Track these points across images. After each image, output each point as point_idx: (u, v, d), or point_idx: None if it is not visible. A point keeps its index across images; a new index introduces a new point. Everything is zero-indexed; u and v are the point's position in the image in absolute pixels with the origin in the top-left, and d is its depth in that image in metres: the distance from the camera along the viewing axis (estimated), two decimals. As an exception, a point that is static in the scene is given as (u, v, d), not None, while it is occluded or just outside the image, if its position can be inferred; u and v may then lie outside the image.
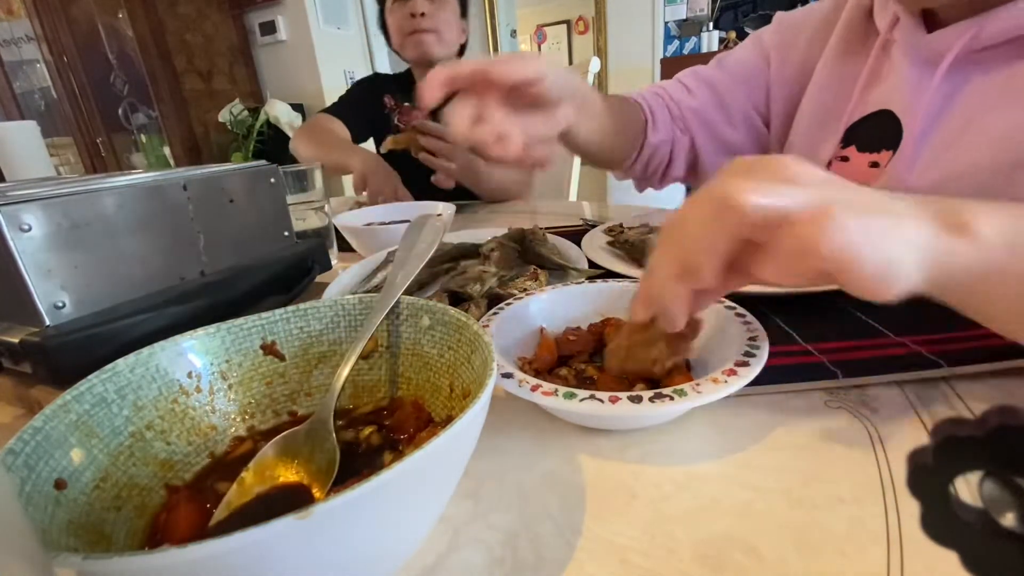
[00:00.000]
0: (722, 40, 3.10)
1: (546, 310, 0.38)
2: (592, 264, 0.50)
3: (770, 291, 0.39)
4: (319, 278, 0.54)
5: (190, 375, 0.26)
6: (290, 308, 0.30)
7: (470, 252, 0.56)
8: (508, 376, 0.28)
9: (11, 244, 0.31)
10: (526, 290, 0.42)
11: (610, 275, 0.46)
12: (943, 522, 0.11)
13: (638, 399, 0.25)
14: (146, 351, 0.25)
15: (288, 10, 2.70)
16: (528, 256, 0.53)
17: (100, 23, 2.47)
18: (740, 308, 0.33)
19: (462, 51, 1.15)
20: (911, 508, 0.21)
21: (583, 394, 0.26)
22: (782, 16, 0.65)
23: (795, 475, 0.24)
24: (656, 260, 0.24)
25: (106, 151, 2.71)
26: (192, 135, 2.65)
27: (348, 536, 0.15)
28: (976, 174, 0.44)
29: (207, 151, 2.72)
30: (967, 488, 0.11)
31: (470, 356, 0.26)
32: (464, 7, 1.13)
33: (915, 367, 0.31)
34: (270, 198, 0.50)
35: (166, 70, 2.50)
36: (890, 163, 0.51)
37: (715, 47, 3.08)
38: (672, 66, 3.11)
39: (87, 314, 0.35)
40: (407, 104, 1.17)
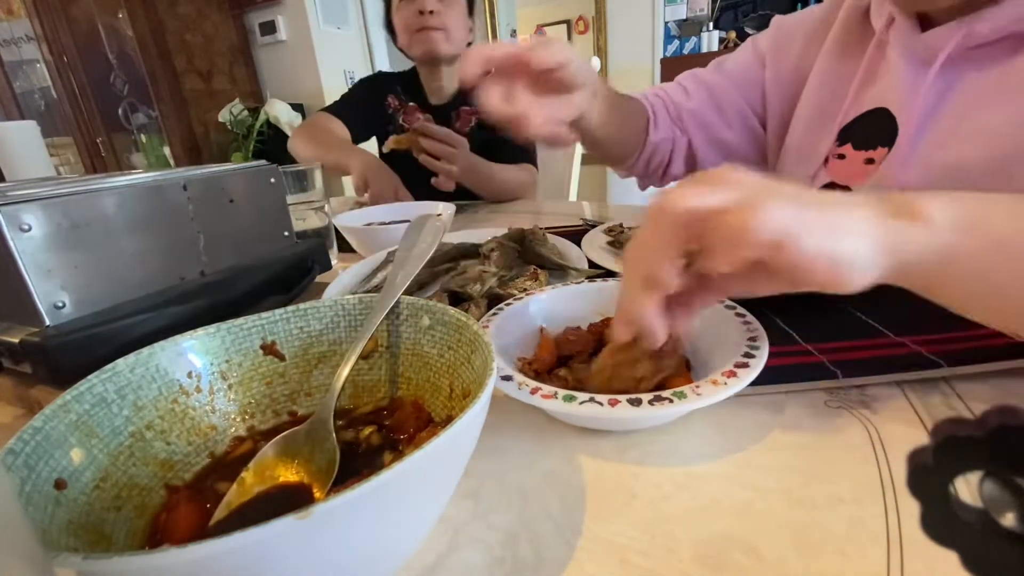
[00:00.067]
0: (722, 40, 3.10)
1: (546, 310, 0.38)
2: (592, 264, 0.50)
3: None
4: (319, 278, 0.54)
5: (190, 375, 0.26)
6: (290, 308, 0.30)
7: (470, 252, 0.56)
8: (508, 379, 0.28)
9: (11, 244, 0.31)
10: (526, 290, 0.42)
11: (610, 275, 0.46)
12: (943, 522, 0.11)
13: (637, 402, 0.25)
14: (146, 351, 0.25)
15: (288, 10, 2.70)
16: (528, 256, 0.53)
17: (100, 23, 2.47)
18: (740, 308, 0.33)
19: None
20: (911, 508, 0.21)
21: (583, 397, 0.26)
22: (779, 20, 0.67)
23: (795, 475, 0.24)
24: (624, 280, 0.26)
25: (106, 151, 2.71)
26: (192, 135, 2.65)
27: (348, 536, 0.15)
28: (969, 169, 0.45)
29: (207, 151, 2.72)
30: (967, 488, 0.11)
31: (470, 356, 0.26)
32: (471, 6, 1.12)
33: (915, 367, 0.31)
34: (270, 198, 0.50)
35: (166, 70, 2.50)
36: (885, 160, 0.52)
37: (715, 47, 3.07)
38: (672, 66, 3.11)
39: (87, 314, 0.35)
40: (412, 104, 1.17)
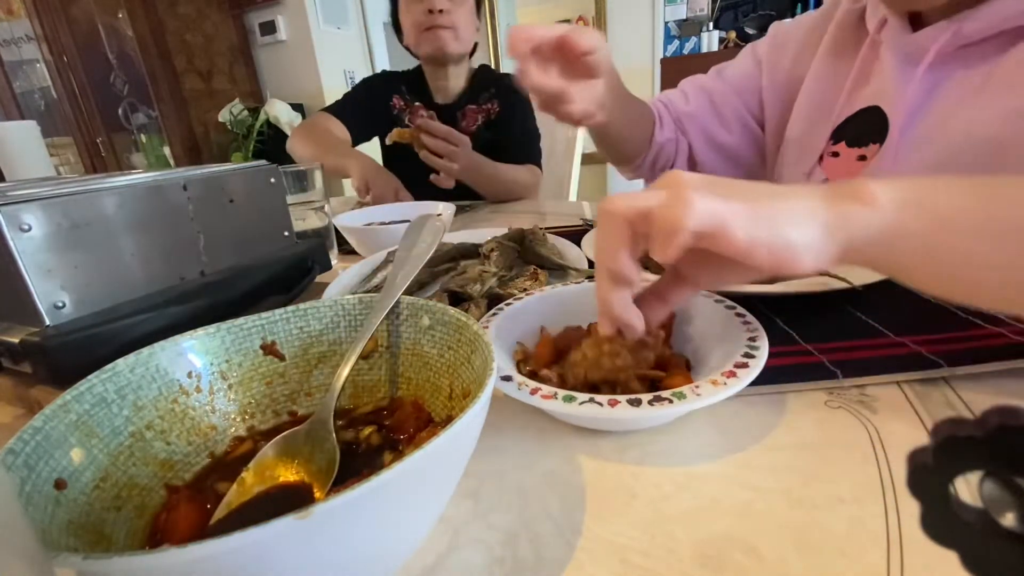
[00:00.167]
0: (722, 40, 3.09)
1: (546, 310, 0.38)
2: (592, 264, 0.50)
3: (770, 291, 0.39)
4: (319, 278, 0.54)
5: (190, 375, 0.26)
6: (290, 308, 0.30)
7: (470, 252, 0.56)
8: (507, 379, 0.28)
9: (11, 244, 0.31)
10: (526, 290, 0.42)
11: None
12: (943, 522, 0.11)
13: (637, 402, 0.25)
14: (146, 351, 0.25)
15: (288, 10, 2.70)
16: (528, 256, 0.53)
17: (100, 23, 2.47)
18: (740, 308, 0.33)
19: (473, 50, 1.14)
20: (911, 508, 0.21)
21: (583, 397, 0.26)
22: (776, 26, 0.70)
23: (795, 475, 0.24)
24: (596, 278, 0.29)
25: (106, 151, 2.71)
26: (192, 135, 2.65)
27: (348, 536, 0.15)
28: (957, 163, 0.46)
29: (207, 151, 2.72)
30: (967, 488, 0.11)
31: (470, 356, 0.26)
32: (479, 5, 1.12)
33: (915, 367, 0.31)
34: (270, 198, 0.50)
35: (166, 70, 2.50)
36: (876, 155, 0.53)
37: (715, 47, 3.07)
38: (672, 66, 3.11)
39: (87, 314, 0.35)
40: (418, 104, 1.16)
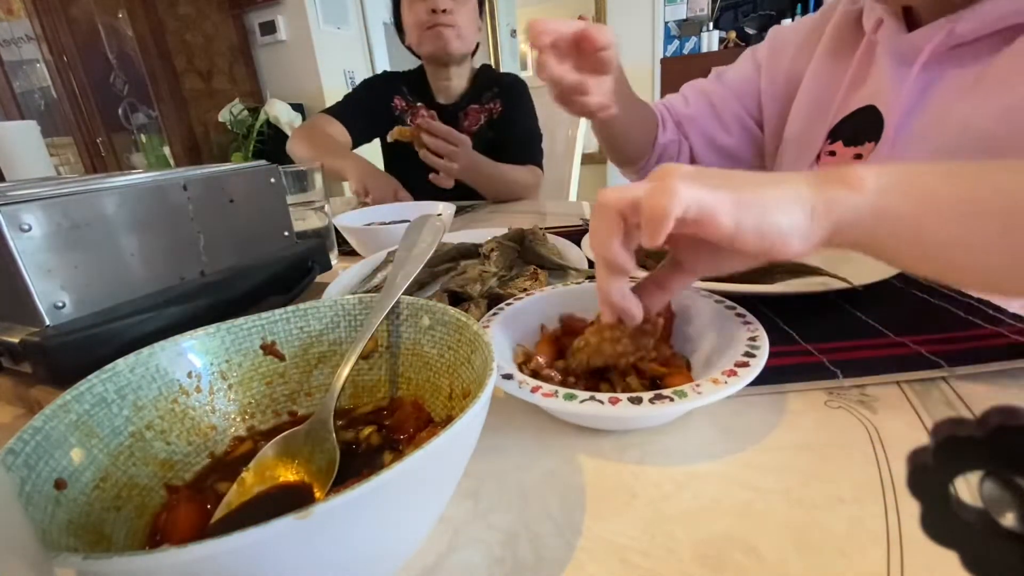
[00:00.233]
0: (722, 40, 3.09)
1: (546, 310, 0.38)
2: (592, 264, 0.50)
3: (770, 291, 0.39)
4: (319, 278, 0.54)
5: (190, 375, 0.26)
6: (290, 308, 0.30)
7: (470, 252, 0.56)
8: (508, 377, 0.28)
9: (11, 244, 0.31)
10: (526, 290, 0.42)
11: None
12: (943, 522, 0.11)
13: (638, 400, 0.25)
14: (146, 351, 0.25)
15: (288, 10, 2.70)
16: (528, 256, 0.53)
17: (100, 23, 2.47)
18: (740, 308, 0.33)
19: (475, 50, 1.14)
20: (911, 508, 0.21)
21: (583, 395, 0.26)
22: (774, 30, 0.73)
23: (795, 475, 0.24)
24: (595, 267, 0.29)
25: (106, 151, 2.71)
26: (192, 135, 2.65)
27: (348, 536, 0.15)
28: (950, 160, 0.47)
29: (207, 151, 2.72)
30: (967, 488, 0.11)
31: (470, 356, 0.26)
32: (481, 5, 1.12)
33: (915, 367, 0.31)
34: (270, 198, 0.50)
35: (166, 70, 2.50)
36: (871, 154, 0.55)
37: (715, 47, 3.07)
38: (672, 66, 3.11)
39: (87, 314, 0.35)
40: (419, 104, 1.16)
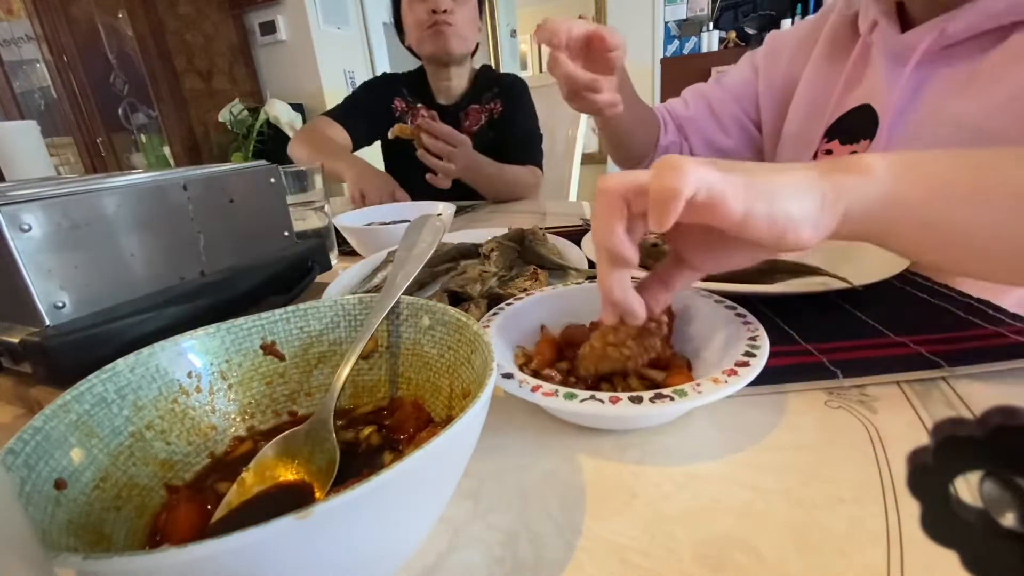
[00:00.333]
0: (722, 40, 3.10)
1: (546, 310, 0.38)
2: (592, 264, 0.50)
3: (770, 291, 0.39)
4: (319, 278, 0.54)
5: (190, 375, 0.26)
6: (290, 308, 0.30)
7: (470, 252, 0.56)
8: (508, 376, 0.28)
9: (11, 244, 0.31)
10: (526, 290, 0.42)
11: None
12: (943, 522, 0.11)
13: (638, 400, 0.25)
14: (146, 351, 0.25)
15: (288, 10, 2.70)
16: (528, 256, 0.53)
17: (100, 23, 2.47)
18: (740, 308, 0.33)
19: (475, 50, 1.15)
20: (911, 508, 0.21)
21: (584, 395, 0.26)
22: (772, 35, 0.75)
23: (795, 475, 0.24)
24: (597, 264, 0.28)
25: (106, 151, 2.71)
26: (192, 135, 2.65)
27: (348, 536, 0.15)
28: None
29: (207, 151, 2.71)
30: (967, 488, 0.11)
31: (470, 356, 0.26)
32: (481, 6, 1.12)
33: (915, 367, 0.31)
34: (270, 198, 0.50)
35: (166, 70, 2.50)
36: (867, 151, 0.56)
37: (715, 47, 3.07)
38: (672, 66, 3.11)
39: (87, 314, 0.35)
40: (420, 105, 1.16)
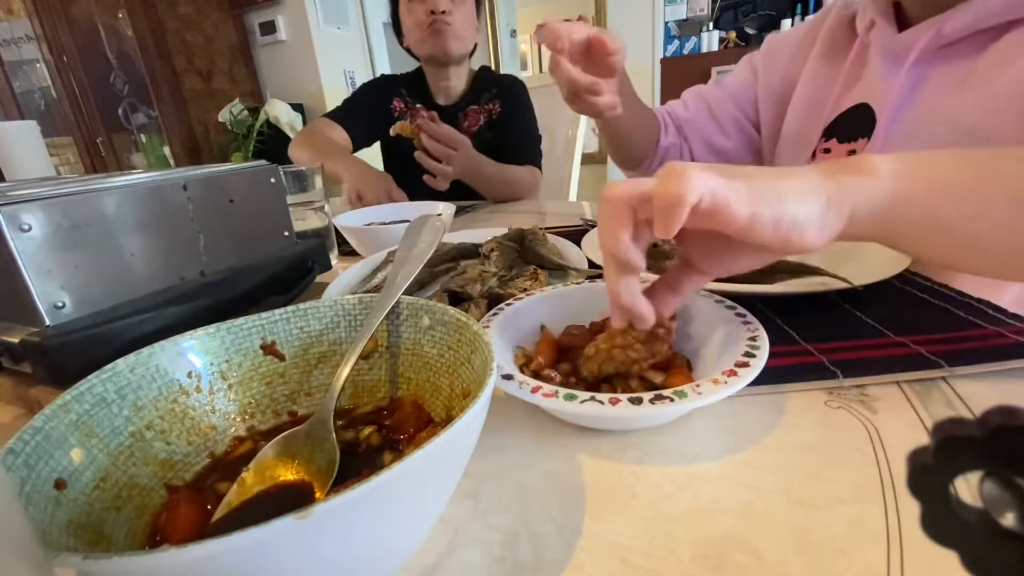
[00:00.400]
0: (722, 40, 3.10)
1: (546, 310, 0.38)
2: (592, 264, 0.50)
3: (770, 291, 0.39)
4: (319, 278, 0.54)
5: (190, 375, 0.26)
6: (290, 308, 0.30)
7: (470, 252, 0.56)
8: (508, 377, 0.28)
9: (11, 244, 0.31)
10: (526, 290, 0.42)
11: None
12: (943, 522, 0.11)
13: (638, 400, 0.25)
14: (146, 351, 0.25)
15: (288, 10, 2.70)
16: (528, 256, 0.53)
17: (100, 23, 2.46)
18: (740, 308, 0.33)
19: (473, 51, 1.15)
20: (911, 508, 0.21)
21: (584, 395, 0.26)
22: (770, 38, 0.76)
23: (795, 475, 0.24)
24: (604, 270, 0.28)
25: (106, 151, 2.71)
26: (192, 135, 2.65)
27: (348, 536, 0.15)
28: None
29: (207, 151, 2.71)
30: (967, 488, 0.11)
31: (470, 356, 0.26)
32: (478, 6, 1.12)
33: (915, 367, 0.31)
34: (270, 198, 0.50)
35: (166, 70, 2.49)
36: (864, 150, 0.57)
37: (715, 47, 3.07)
38: (672, 66, 3.11)
39: (87, 314, 0.35)
40: (419, 106, 1.17)
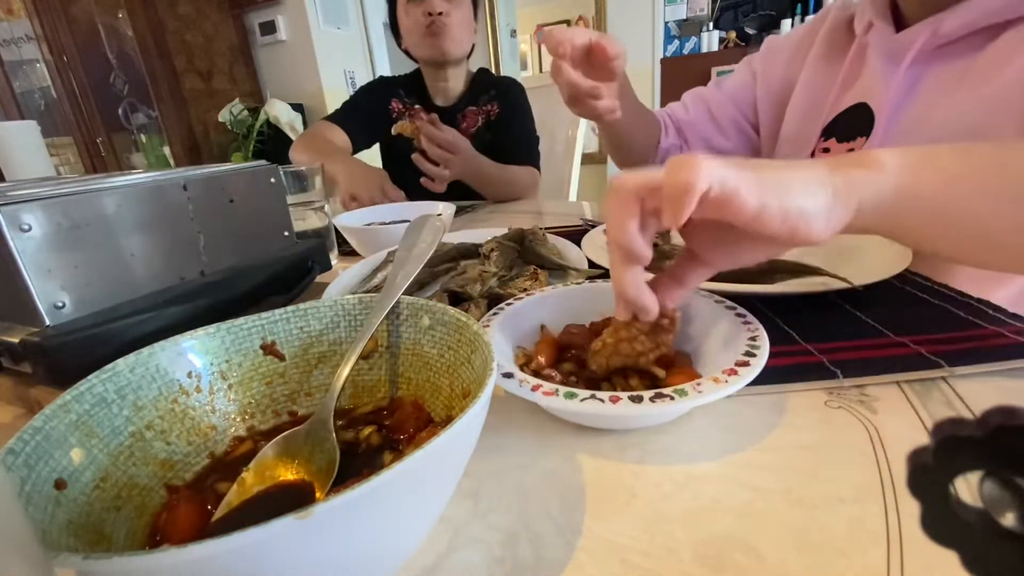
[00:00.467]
0: (722, 40, 3.09)
1: (546, 310, 0.38)
2: (592, 264, 0.50)
3: (770, 291, 0.39)
4: (319, 278, 0.54)
5: (190, 375, 0.26)
6: (290, 308, 0.30)
7: (470, 252, 0.56)
8: (508, 376, 0.28)
9: (11, 244, 0.31)
10: (526, 290, 0.42)
11: (610, 275, 0.46)
12: (943, 522, 0.11)
13: (639, 399, 0.25)
14: (146, 351, 0.25)
15: (288, 10, 2.69)
16: (528, 256, 0.53)
17: (100, 23, 2.46)
18: (740, 308, 0.33)
19: (470, 52, 1.15)
20: (911, 508, 0.21)
21: (584, 394, 0.26)
22: (769, 40, 0.77)
23: (795, 475, 0.24)
24: (610, 262, 0.28)
25: (106, 151, 2.71)
26: (192, 135, 2.65)
27: (348, 536, 0.15)
28: None
29: (207, 151, 2.71)
30: (967, 488, 0.11)
31: (470, 356, 0.26)
32: (476, 8, 1.12)
33: (915, 367, 0.31)
34: (270, 198, 0.50)
35: (166, 70, 2.49)
36: (863, 148, 0.58)
37: (715, 47, 3.07)
38: (672, 66, 3.11)
39: (87, 314, 0.35)
40: (417, 107, 1.17)
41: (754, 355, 0.28)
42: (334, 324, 0.30)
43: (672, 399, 0.25)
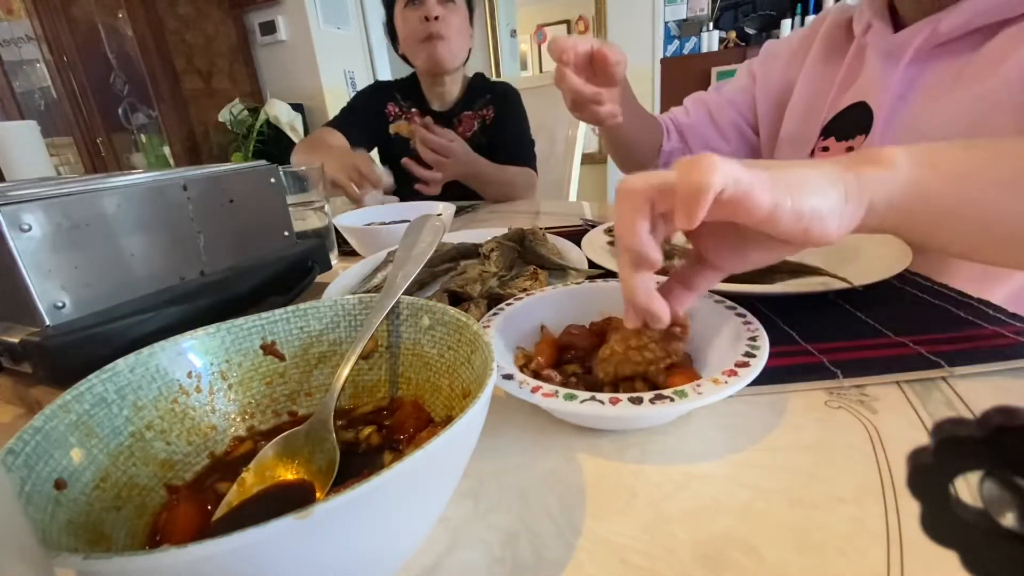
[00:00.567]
0: (722, 40, 3.09)
1: (546, 310, 0.38)
2: (592, 264, 0.50)
3: (770, 291, 0.39)
4: (319, 278, 0.54)
5: (190, 375, 0.26)
6: (290, 308, 0.30)
7: (470, 252, 0.56)
8: (508, 377, 0.28)
9: (11, 244, 0.31)
10: (526, 290, 0.42)
11: (610, 275, 0.46)
12: (943, 522, 0.11)
13: (639, 400, 0.25)
14: (146, 351, 0.25)
15: (288, 10, 2.69)
16: (528, 256, 0.53)
17: (100, 23, 2.47)
18: (740, 308, 0.33)
19: (467, 57, 1.16)
20: (911, 508, 0.21)
21: (584, 395, 0.26)
22: (768, 44, 0.78)
23: (795, 475, 0.24)
24: (619, 266, 0.28)
25: (106, 151, 2.71)
26: (192, 135, 2.65)
27: (348, 536, 0.15)
28: None
29: (207, 151, 2.71)
30: (967, 488, 0.11)
31: (470, 356, 0.26)
32: (471, 14, 1.13)
33: (915, 367, 0.31)
34: (270, 198, 0.50)
35: (166, 70, 2.49)
36: (862, 147, 0.59)
37: (715, 47, 3.07)
38: (672, 66, 3.11)
39: (87, 314, 0.35)
40: (414, 110, 1.17)
41: (754, 355, 0.27)
42: (334, 324, 0.30)
43: (672, 401, 0.25)
